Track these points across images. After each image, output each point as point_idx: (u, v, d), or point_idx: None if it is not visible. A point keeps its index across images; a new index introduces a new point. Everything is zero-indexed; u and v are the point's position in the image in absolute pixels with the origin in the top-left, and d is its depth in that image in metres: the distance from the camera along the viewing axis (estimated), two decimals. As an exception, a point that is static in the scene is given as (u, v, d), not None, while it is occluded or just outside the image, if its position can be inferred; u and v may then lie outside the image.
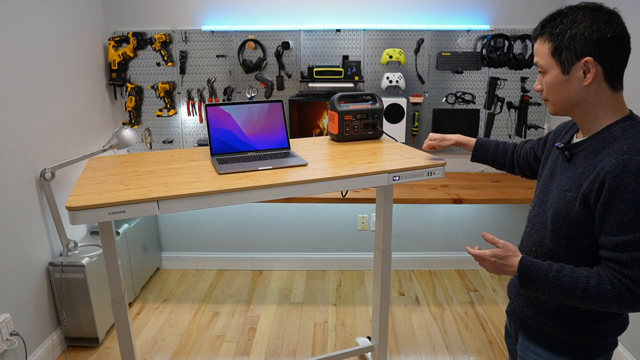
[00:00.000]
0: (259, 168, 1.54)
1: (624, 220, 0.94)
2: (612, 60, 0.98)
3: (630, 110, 1.05)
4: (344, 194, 2.29)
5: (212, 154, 1.69)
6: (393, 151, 1.77)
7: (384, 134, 1.95)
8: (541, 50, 1.04)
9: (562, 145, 1.12)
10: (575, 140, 1.11)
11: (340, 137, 1.89)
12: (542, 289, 1.03)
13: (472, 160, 1.54)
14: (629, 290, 0.94)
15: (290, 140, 1.80)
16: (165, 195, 1.32)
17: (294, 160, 1.62)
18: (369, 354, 2.28)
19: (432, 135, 1.61)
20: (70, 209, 1.25)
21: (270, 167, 1.54)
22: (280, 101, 1.79)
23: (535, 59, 1.07)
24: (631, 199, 0.93)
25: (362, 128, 1.90)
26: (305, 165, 1.58)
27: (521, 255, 1.08)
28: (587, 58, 0.98)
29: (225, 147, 1.71)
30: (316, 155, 1.72)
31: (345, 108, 1.87)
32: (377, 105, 1.91)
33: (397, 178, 1.54)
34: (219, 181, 1.43)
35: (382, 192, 1.95)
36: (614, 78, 1.00)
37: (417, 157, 1.66)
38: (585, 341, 1.10)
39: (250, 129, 1.74)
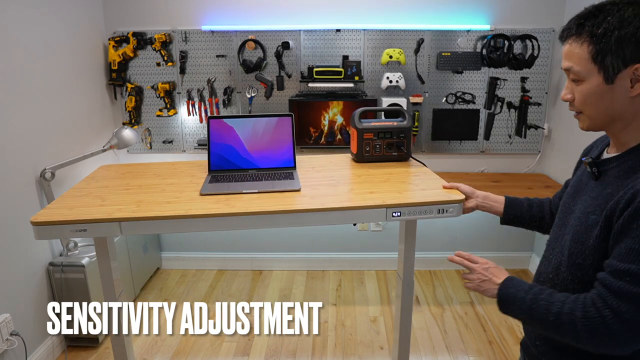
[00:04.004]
0: (244, 191, 1.42)
1: (636, 247, 0.80)
2: None
3: None
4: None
5: (209, 170, 1.60)
6: (411, 179, 1.54)
7: (411, 157, 1.69)
8: (577, 54, 0.87)
9: (590, 160, 0.96)
10: (606, 155, 0.96)
11: (360, 158, 1.67)
12: (519, 314, 0.95)
13: (503, 222, 1.31)
14: (603, 322, 0.81)
15: (307, 157, 1.69)
16: (127, 217, 1.25)
17: (287, 184, 1.48)
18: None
19: (463, 188, 1.37)
20: (34, 223, 1.20)
21: (256, 191, 1.42)
22: (290, 115, 1.64)
23: (567, 64, 0.89)
24: None
25: (386, 148, 1.65)
26: (297, 190, 1.42)
27: (508, 275, 1.00)
28: (637, 65, 0.82)
29: (225, 164, 1.61)
30: (321, 178, 1.55)
31: (366, 125, 1.64)
32: (405, 123, 1.66)
33: (397, 214, 1.33)
34: (195, 204, 1.33)
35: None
36: None
37: (431, 189, 1.42)
38: None
39: (254, 145, 1.62)
